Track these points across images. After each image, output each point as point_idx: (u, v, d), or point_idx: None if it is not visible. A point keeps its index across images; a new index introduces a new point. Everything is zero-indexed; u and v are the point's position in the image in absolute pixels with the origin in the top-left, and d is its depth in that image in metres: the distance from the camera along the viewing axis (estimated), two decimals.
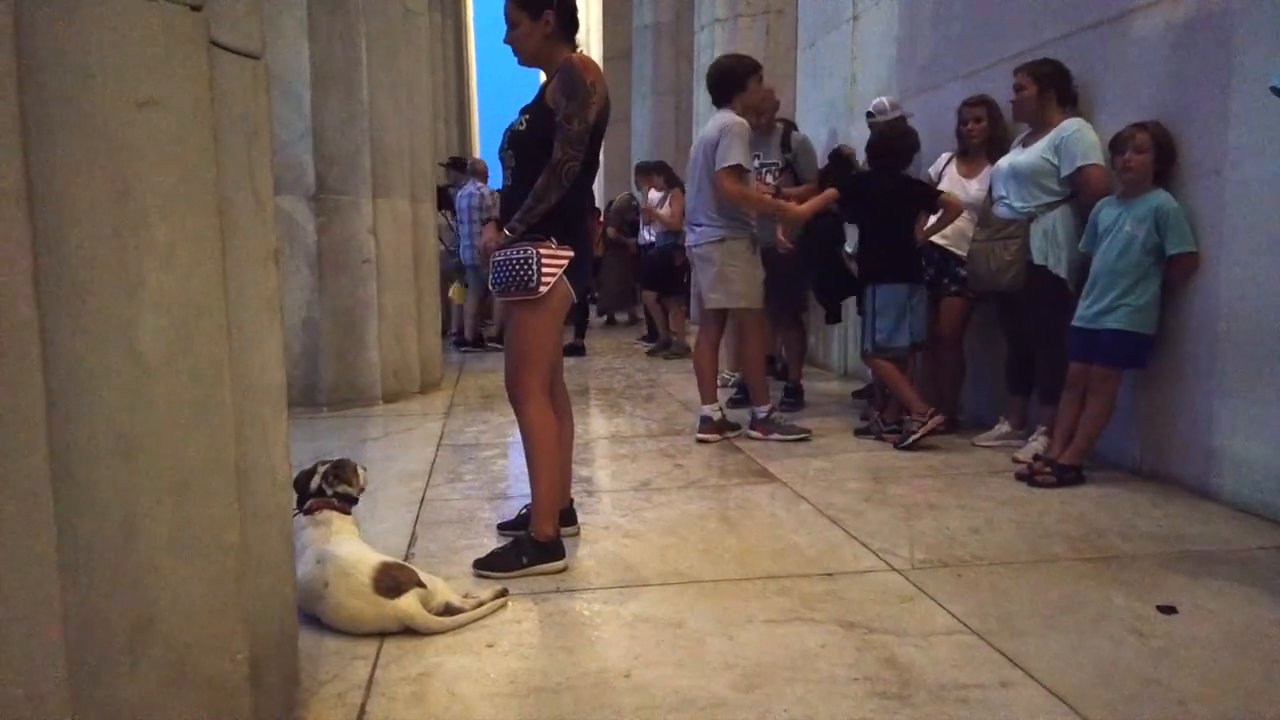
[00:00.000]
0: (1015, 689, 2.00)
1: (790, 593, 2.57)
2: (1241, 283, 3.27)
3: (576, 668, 2.13)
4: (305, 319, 5.46)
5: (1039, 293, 3.94)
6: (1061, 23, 4.19)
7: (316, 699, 1.99)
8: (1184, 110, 3.51)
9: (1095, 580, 2.63)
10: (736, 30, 8.68)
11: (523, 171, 2.74)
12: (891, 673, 2.08)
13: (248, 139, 1.64)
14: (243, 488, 1.57)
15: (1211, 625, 2.32)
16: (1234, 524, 3.14)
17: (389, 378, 5.81)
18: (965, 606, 2.45)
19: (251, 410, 1.63)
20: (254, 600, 1.62)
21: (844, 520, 3.23)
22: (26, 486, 1.17)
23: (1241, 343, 3.27)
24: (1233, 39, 3.27)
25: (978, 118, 4.51)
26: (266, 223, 1.70)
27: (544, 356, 2.79)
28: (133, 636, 1.34)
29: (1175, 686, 1.99)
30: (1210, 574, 2.67)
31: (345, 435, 4.88)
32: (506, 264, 2.69)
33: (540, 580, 2.68)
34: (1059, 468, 3.64)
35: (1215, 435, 3.40)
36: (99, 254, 1.29)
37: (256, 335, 1.66)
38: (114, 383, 1.32)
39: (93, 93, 1.28)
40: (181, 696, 1.44)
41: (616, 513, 3.37)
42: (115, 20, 1.31)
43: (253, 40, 1.65)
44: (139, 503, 1.35)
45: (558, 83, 2.68)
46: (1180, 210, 3.45)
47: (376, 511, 3.29)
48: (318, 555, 2.36)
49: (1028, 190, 3.97)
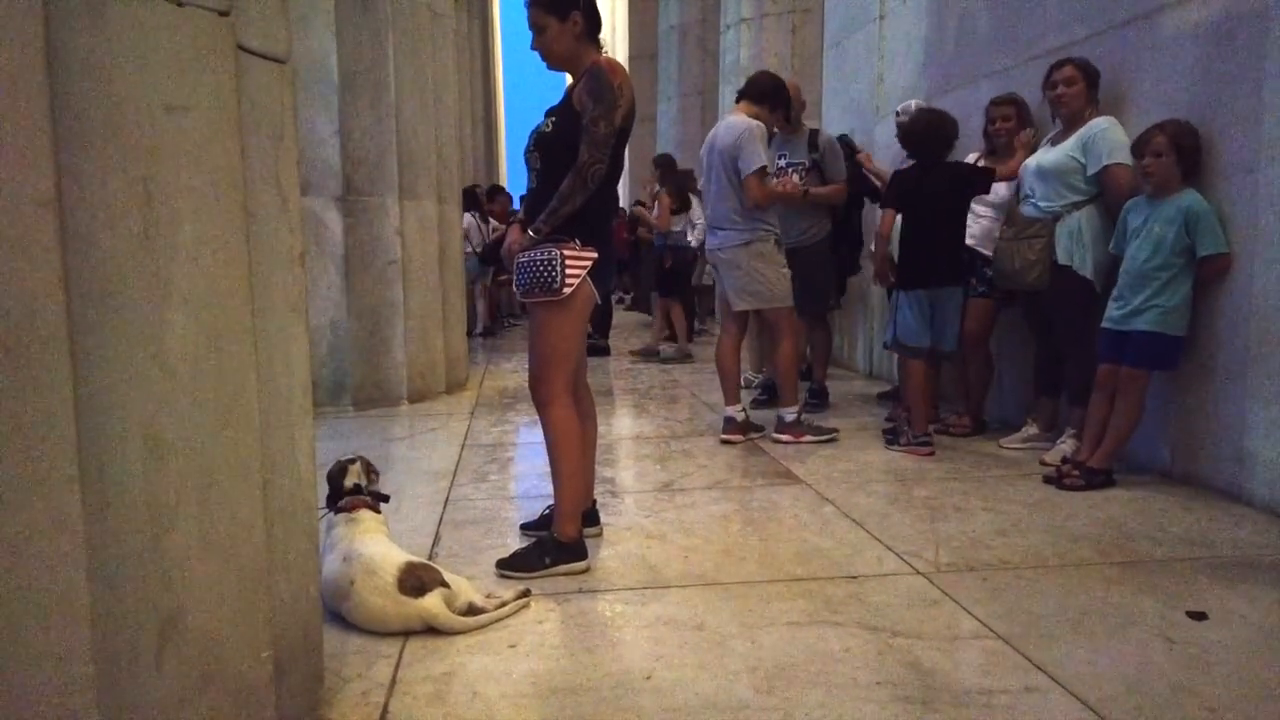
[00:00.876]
0: (1041, 695, 1.98)
1: (813, 595, 2.55)
2: (1275, 283, 3.21)
3: (598, 669, 2.13)
4: (332, 320, 5.51)
5: (1065, 293, 3.90)
6: (1092, 21, 4.14)
7: (340, 697, 2.01)
8: (1216, 108, 3.46)
9: (1124, 585, 2.60)
10: (762, 30, 8.66)
11: (548, 173, 2.75)
12: (915, 677, 2.06)
13: (274, 142, 1.65)
14: (268, 488, 1.59)
15: (1243, 631, 2.28)
16: (1266, 528, 3.08)
17: (414, 378, 5.85)
18: (990, 611, 2.42)
19: (277, 411, 1.65)
20: (279, 599, 1.64)
21: (868, 523, 3.21)
22: (56, 486, 1.19)
23: (1274, 344, 3.21)
24: (1266, 36, 3.22)
25: (1006, 116, 4.47)
26: (292, 225, 1.72)
27: (568, 357, 2.79)
28: (160, 635, 1.36)
29: (1205, 694, 1.97)
30: (1241, 579, 2.62)
31: (371, 435, 4.91)
32: (531, 265, 2.70)
33: (563, 581, 2.69)
34: (1088, 470, 3.60)
35: (1247, 438, 3.34)
36: (128, 257, 1.31)
37: (282, 336, 1.68)
38: (142, 383, 1.34)
39: (121, 98, 1.30)
40: (207, 695, 1.46)
41: (639, 514, 3.38)
42: (144, 26, 1.33)
43: (279, 44, 1.66)
44: (167, 502, 1.37)
45: (585, 85, 2.69)
46: (1211, 211, 3.40)
47: (401, 511, 3.31)
48: (345, 553, 2.38)
49: (1054, 189, 3.93)
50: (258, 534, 1.55)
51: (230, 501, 1.49)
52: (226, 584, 1.49)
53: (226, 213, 1.47)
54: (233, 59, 1.49)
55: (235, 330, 1.49)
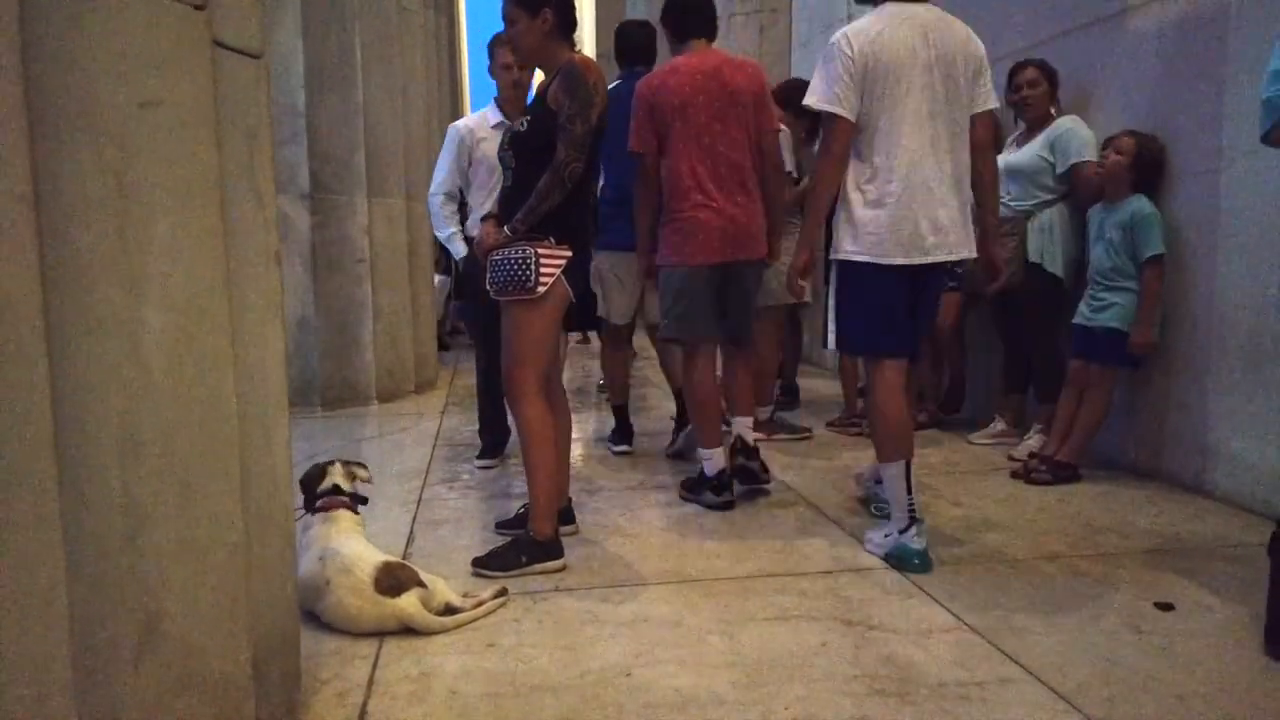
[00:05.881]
0: (1015, 686, 2.01)
1: (790, 591, 2.57)
2: (1236, 281, 3.29)
3: (577, 667, 2.13)
4: (300, 318, 5.45)
5: (1035, 291, 3.97)
6: (1056, 21, 4.20)
7: (318, 699, 1.99)
8: (1178, 110, 3.53)
9: (1093, 577, 2.64)
10: (731, 28, 8.68)
11: (523, 172, 2.74)
12: (892, 670, 2.08)
13: (249, 138, 1.64)
14: (245, 488, 1.57)
15: (1209, 621, 2.33)
16: (1230, 521, 3.15)
17: (384, 377, 5.81)
18: (964, 604, 2.46)
19: (254, 410, 1.63)
20: (256, 600, 1.62)
21: (842, 518, 3.24)
22: (34, 485, 1.17)
23: (1237, 341, 3.29)
24: (1226, 39, 3.29)
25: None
26: (268, 222, 1.70)
27: (540, 356, 2.78)
28: (140, 637, 1.34)
29: (1173, 682, 2.01)
30: (1207, 571, 2.68)
31: (341, 435, 4.87)
32: (505, 263, 2.69)
33: (539, 579, 2.68)
34: (1055, 465, 3.65)
35: (1211, 433, 3.42)
36: (103, 253, 1.29)
37: (258, 335, 1.66)
38: (119, 381, 1.32)
39: (97, 92, 1.28)
40: (186, 697, 1.44)
41: (615, 511, 3.38)
42: (119, 20, 1.30)
43: (254, 39, 1.64)
44: (144, 503, 1.35)
45: (560, 84, 2.68)
46: (1154, 215, 3.49)
47: (374, 511, 3.27)
48: (321, 552, 2.36)
49: (1025, 188, 4.00)
50: (235, 534, 1.53)
51: (208, 501, 1.47)
52: (205, 585, 1.47)
53: (202, 210, 1.45)
54: (208, 54, 1.47)
55: (212, 328, 1.47)
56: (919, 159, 2.77)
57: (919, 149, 2.77)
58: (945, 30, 2.81)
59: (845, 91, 2.78)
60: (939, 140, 2.79)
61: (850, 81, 2.78)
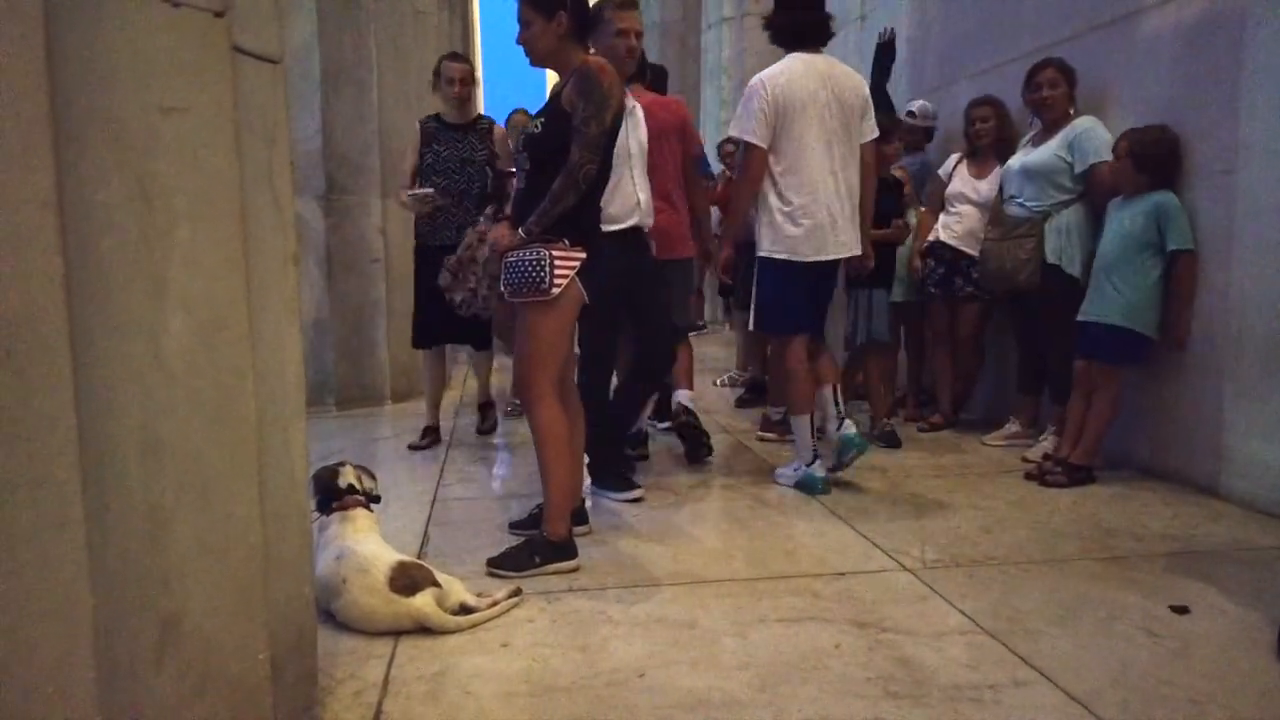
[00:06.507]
0: (1028, 689, 2.01)
1: (802, 592, 2.58)
2: (1251, 281, 3.27)
3: (591, 667, 2.14)
4: (315, 319, 5.49)
5: (1053, 292, 3.95)
6: (1073, 22, 4.19)
7: (333, 698, 2.01)
8: (1194, 110, 3.51)
9: (1107, 580, 2.64)
10: (743, 29, 8.69)
11: (537, 174, 2.75)
12: (905, 672, 2.09)
13: (268, 143, 1.65)
14: (263, 489, 1.59)
15: (1224, 625, 2.32)
16: (1245, 523, 3.14)
17: (398, 377, 5.83)
18: (977, 606, 2.45)
19: (272, 412, 1.65)
20: (274, 600, 1.64)
21: (854, 520, 3.24)
22: (58, 487, 1.19)
23: (1252, 342, 3.27)
24: (1243, 39, 3.27)
25: (984, 118, 4.51)
26: (286, 226, 1.72)
27: (555, 357, 2.79)
28: (161, 637, 1.36)
29: (1188, 686, 2.00)
30: (1222, 573, 2.67)
31: (355, 435, 4.90)
32: (519, 265, 2.70)
33: (553, 580, 2.69)
34: (1069, 467, 3.64)
35: (1226, 435, 3.40)
36: (126, 258, 1.31)
37: (277, 337, 1.68)
38: (141, 384, 1.33)
39: (119, 99, 1.30)
40: (206, 697, 1.45)
41: (628, 512, 3.38)
42: (141, 28, 1.32)
43: (272, 45, 1.66)
44: (165, 504, 1.37)
45: (574, 86, 2.69)
46: (1180, 208, 3.47)
47: (389, 511, 3.29)
48: (338, 552, 2.38)
49: (1042, 189, 3.98)
50: (254, 535, 1.55)
51: (227, 503, 1.49)
52: (224, 585, 1.48)
53: (223, 214, 1.47)
54: (228, 60, 1.49)
55: (232, 331, 1.49)
56: (821, 176, 3.53)
57: (821, 169, 3.53)
58: (839, 76, 3.58)
59: (760, 126, 3.51)
60: (836, 162, 3.54)
61: (764, 118, 3.51)
